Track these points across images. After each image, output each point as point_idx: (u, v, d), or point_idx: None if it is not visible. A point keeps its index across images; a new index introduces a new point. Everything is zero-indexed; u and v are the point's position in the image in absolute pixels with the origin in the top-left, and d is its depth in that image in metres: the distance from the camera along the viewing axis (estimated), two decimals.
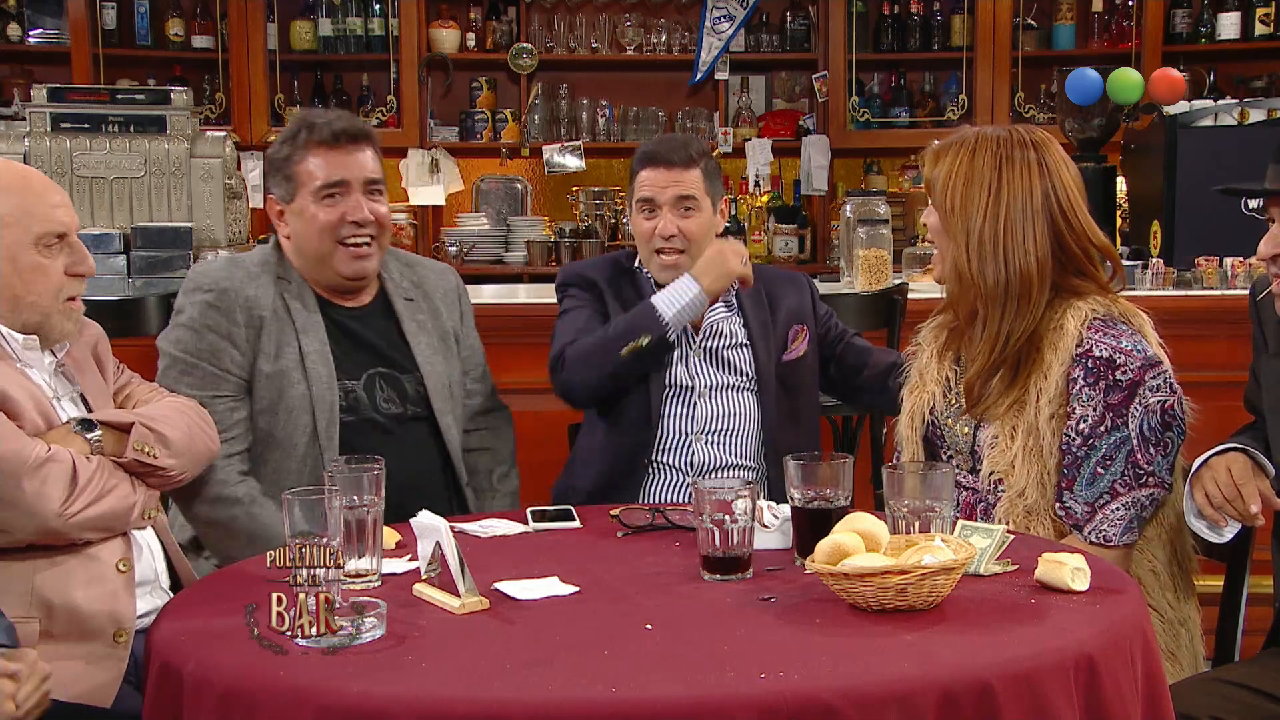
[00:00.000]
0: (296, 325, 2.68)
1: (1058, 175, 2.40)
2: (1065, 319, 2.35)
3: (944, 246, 2.44)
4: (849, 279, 4.23)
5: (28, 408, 2.14)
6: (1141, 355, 2.32)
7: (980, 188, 2.38)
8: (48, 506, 2.07)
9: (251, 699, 1.62)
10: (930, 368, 2.53)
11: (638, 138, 6.50)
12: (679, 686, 1.59)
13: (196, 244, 4.21)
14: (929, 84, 6.52)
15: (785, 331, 2.98)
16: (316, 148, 2.68)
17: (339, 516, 1.96)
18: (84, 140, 4.28)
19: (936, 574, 1.82)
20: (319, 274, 2.74)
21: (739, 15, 6.33)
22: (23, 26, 6.04)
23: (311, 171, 2.68)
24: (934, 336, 2.56)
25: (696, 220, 2.93)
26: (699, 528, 2.04)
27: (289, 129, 2.73)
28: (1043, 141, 2.43)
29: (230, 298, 2.65)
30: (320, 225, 2.68)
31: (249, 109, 6.16)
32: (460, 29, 6.37)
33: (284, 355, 2.66)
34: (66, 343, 2.28)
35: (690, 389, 2.93)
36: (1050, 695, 1.63)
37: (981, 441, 2.41)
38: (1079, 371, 2.33)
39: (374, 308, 2.81)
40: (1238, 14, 6.05)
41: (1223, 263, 4.05)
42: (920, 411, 2.52)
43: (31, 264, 2.18)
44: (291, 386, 2.65)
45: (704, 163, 2.96)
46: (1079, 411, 2.32)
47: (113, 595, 2.16)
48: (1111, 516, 2.32)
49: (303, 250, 2.72)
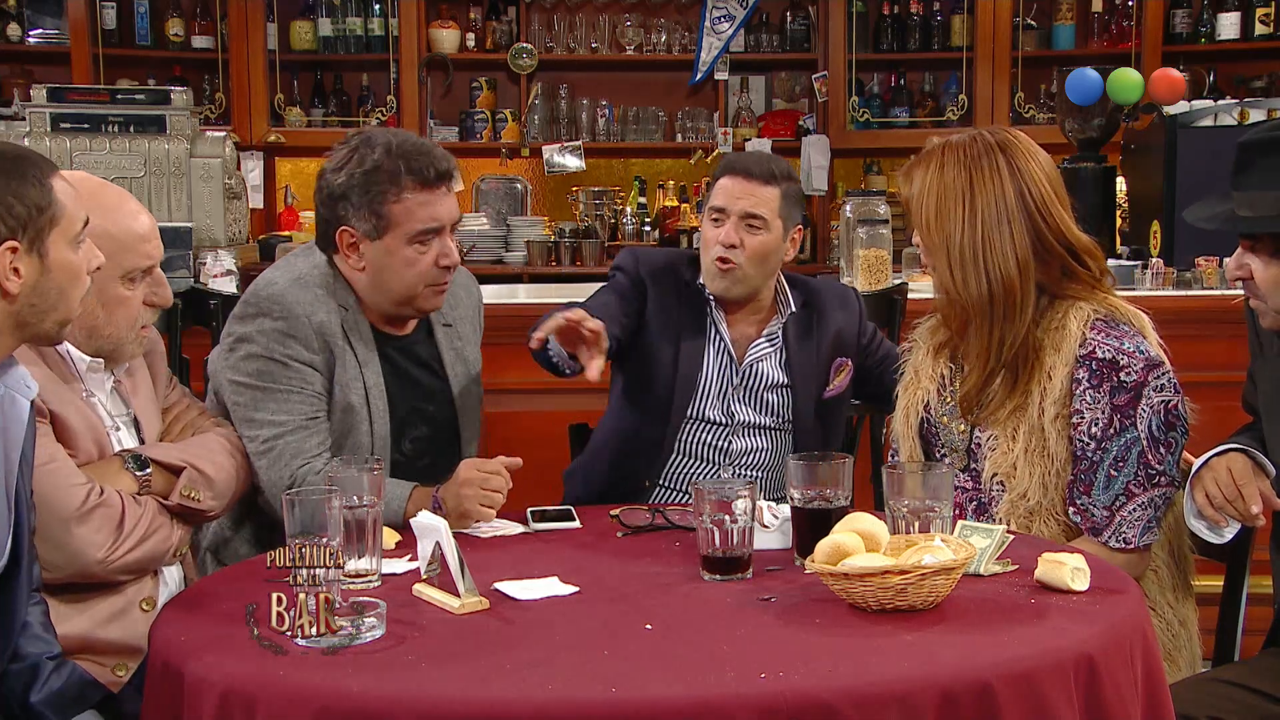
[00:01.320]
0: (359, 359, 2.58)
1: (1028, 173, 2.38)
2: (1067, 319, 2.35)
3: (929, 263, 2.45)
4: (849, 279, 4.24)
5: (84, 437, 2.15)
6: (1144, 356, 2.32)
7: (954, 201, 2.37)
8: (92, 554, 2.09)
9: (251, 699, 1.62)
10: (925, 364, 2.53)
11: (637, 138, 6.50)
12: (679, 686, 1.59)
13: (196, 244, 4.21)
14: (929, 84, 6.52)
15: (828, 365, 2.89)
16: (416, 189, 2.50)
17: (339, 516, 1.96)
18: (84, 140, 4.28)
19: (936, 574, 1.82)
20: (391, 308, 2.61)
21: (739, 15, 6.34)
22: (23, 26, 6.04)
23: (410, 213, 2.51)
24: (929, 334, 2.56)
25: (760, 239, 2.81)
26: (699, 528, 2.04)
27: (377, 159, 2.50)
28: (1008, 141, 2.40)
29: (304, 325, 2.51)
30: (414, 272, 2.53)
31: (249, 109, 6.15)
32: (460, 29, 6.37)
33: (352, 390, 2.56)
34: (127, 364, 2.29)
35: (724, 425, 2.88)
36: (1050, 695, 1.64)
37: (981, 441, 2.41)
38: (1083, 373, 2.33)
39: (418, 335, 2.71)
40: (1238, 14, 6.05)
41: (1222, 263, 4.05)
42: (915, 408, 2.52)
43: (116, 297, 2.18)
44: (360, 423, 2.57)
45: (785, 185, 2.85)
46: (1087, 415, 2.32)
47: (132, 631, 2.16)
48: (1130, 518, 2.32)
49: (384, 287, 2.56)
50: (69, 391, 2.16)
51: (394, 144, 2.52)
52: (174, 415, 2.40)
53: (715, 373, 2.88)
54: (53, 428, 2.10)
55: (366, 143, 2.54)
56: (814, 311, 2.94)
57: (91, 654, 2.13)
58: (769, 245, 2.84)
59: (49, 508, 2.04)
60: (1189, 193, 4.33)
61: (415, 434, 2.68)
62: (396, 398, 2.63)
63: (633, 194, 6.50)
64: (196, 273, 4.11)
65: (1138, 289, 4.02)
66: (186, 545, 2.30)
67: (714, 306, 2.89)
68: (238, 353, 2.52)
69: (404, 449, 2.66)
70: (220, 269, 4.08)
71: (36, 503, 2.02)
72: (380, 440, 2.59)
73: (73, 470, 2.09)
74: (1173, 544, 2.43)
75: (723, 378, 2.88)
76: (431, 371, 2.72)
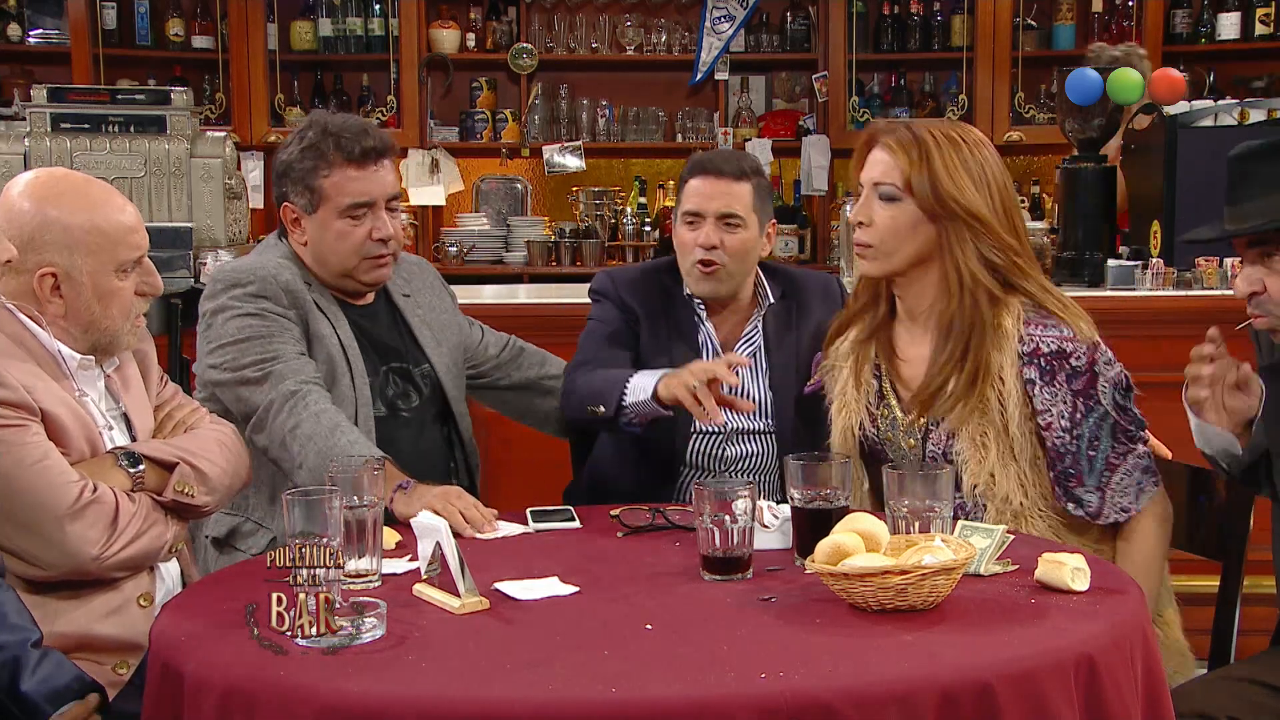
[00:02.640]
0: (329, 317, 2.70)
1: (1001, 165, 2.45)
2: (1002, 319, 2.38)
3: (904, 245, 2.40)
4: (849, 279, 4.23)
5: (76, 435, 2.15)
6: (1084, 339, 2.36)
7: (971, 177, 2.39)
8: (86, 550, 2.09)
9: (251, 699, 1.62)
10: (849, 387, 2.53)
11: (638, 138, 6.50)
12: (679, 686, 1.60)
13: (196, 244, 4.20)
14: (929, 84, 6.52)
15: (808, 360, 2.86)
16: (344, 165, 2.66)
17: (339, 516, 1.96)
18: (84, 140, 4.28)
19: (936, 574, 1.82)
20: (337, 280, 2.75)
21: (739, 15, 6.34)
22: (23, 26, 6.03)
23: (339, 188, 2.67)
24: (845, 355, 2.56)
25: (740, 237, 2.81)
26: (699, 528, 2.04)
27: (311, 138, 2.68)
28: (976, 133, 2.47)
29: (273, 285, 2.63)
30: (347, 244, 2.69)
31: (249, 109, 6.15)
32: (460, 29, 6.37)
33: (328, 344, 2.67)
34: (117, 359, 2.29)
35: (717, 434, 2.86)
36: (1050, 695, 1.64)
37: (949, 452, 2.40)
38: (1032, 371, 2.36)
39: (379, 305, 2.84)
40: (1238, 14, 6.05)
41: (1222, 263, 4.04)
42: (850, 430, 2.52)
43: (110, 289, 2.19)
44: (341, 375, 2.66)
45: (755, 180, 2.86)
46: (1054, 410, 2.35)
47: (129, 628, 2.17)
48: (1119, 487, 2.37)
49: (323, 260, 2.73)
50: (60, 390, 2.16)
51: (330, 124, 2.70)
52: (166, 412, 2.41)
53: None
54: (44, 426, 2.10)
55: (309, 124, 2.71)
56: (793, 303, 2.93)
57: (90, 652, 2.12)
58: (748, 242, 2.84)
59: (42, 505, 2.04)
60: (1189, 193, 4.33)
61: (398, 391, 2.77)
62: (371, 351, 2.74)
63: (633, 194, 6.50)
64: (197, 273, 4.11)
65: (1138, 289, 4.01)
66: (182, 541, 2.30)
67: (699, 308, 2.89)
68: (216, 323, 2.63)
69: (395, 405, 2.75)
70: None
71: (29, 501, 2.03)
72: (363, 395, 2.68)
73: (65, 468, 2.09)
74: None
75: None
76: (399, 334, 2.83)
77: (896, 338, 2.51)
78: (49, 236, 2.14)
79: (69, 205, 2.16)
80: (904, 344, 2.50)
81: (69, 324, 2.19)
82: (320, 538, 1.84)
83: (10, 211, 2.15)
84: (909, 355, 2.49)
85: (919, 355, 2.47)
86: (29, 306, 2.17)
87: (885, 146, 2.42)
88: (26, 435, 2.06)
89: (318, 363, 2.64)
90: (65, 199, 2.16)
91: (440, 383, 2.83)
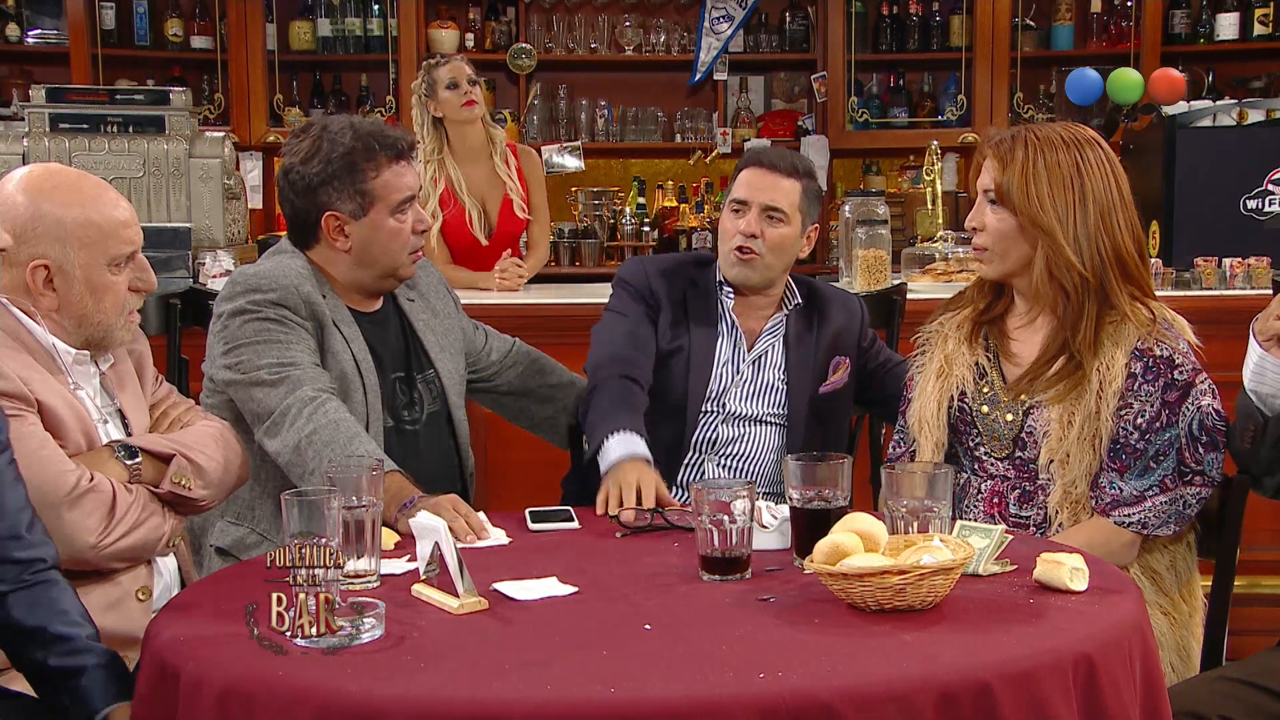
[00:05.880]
0: (344, 333, 2.67)
1: (1121, 173, 2.46)
2: (1126, 316, 2.40)
3: (1013, 247, 2.45)
4: (848, 279, 4.24)
5: (72, 428, 2.15)
6: (1194, 358, 2.40)
7: (1064, 184, 2.41)
8: (84, 538, 2.09)
9: (251, 699, 1.62)
10: (959, 354, 2.54)
11: (637, 138, 6.51)
12: (678, 686, 1.60)
13: (195, 244, 4.21)
14: (928, 84, 6.53)
15: (826, 362, 2.92)
16: (389, 162, 2.66)
17: (338, 517, 1.96)
18: (83, 140, 4.28)
19: (935, 574, 1.82)
20: (374, 282, 2.73)
21: (738, 16, 6.34)
22: (22, 27, 6.04)
23: (389, 185, 2.65)
24: (956, 326, 2.58)
25: (780, 231, 2.85)
26: (698, 528, 2.04)
27: (347, 143, 2.64)
28: (1098, 139, 2.48)
29: (293, 295, 2.60)
30: (399, 240, 2.67)
31: (248, 109, 6.15)
32: (459, 29, 6.37)
33: (341, 359, 2.65)
34: (111, 356, 2.29)
35: (720, 414, 2.89)
36: (1049, 695, 1.64)
37: (1034, 429, 2.43)
38: (1138, 367, 2.38)
39: (388, 310, 2.82)
40: (1236, 14, 6.06)
41: (1221, 263, 4.05)
42: (949, 395, 2.53)
43: (103, 284, 2.20)
44: (355, 391, 2.65)
45: (806, 182, 2.90)
46: (1136, 406, 2.38)
47: (128, 621, 2.17)
48: (1156, 508, 2.38)
49: (371, 262, 2.69)
50: (56, 383, 2.17)
51: (356, 126, 2.68)
52: (161, 411, 2.41)
53: (729, 360, 2.90)
54: (41, 417, 2.11)
55: (326, 131, 2.67)
56: (816, 310, 2.97)
57: None
58: (788, 238, 2.88)
59: (40, 493, 2.03)
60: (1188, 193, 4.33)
61: (404, 400, 2.76)
62: (384, 363, 2.73)
63: (632, 194, 6.50)
64: (195, 273, 4.12)
65: None
66: (180, 535, 2.30)
67: (727, 295, 2.92)
68: (234, 325, 2.60)
69: (400, 415, 2.74)
70: (219, 269, 4.08)
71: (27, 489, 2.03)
72: (374, 410, 2.67)
73: (62, 456, 2.10)
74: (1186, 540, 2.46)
75: (735, 366, 2.90)
76: (405, 340, 2.82)
77: (1011, 316, 2.54)
78: (42, 229, 2.15)
79: (62, 199, 2.16)
80: (1016, 324, 2.53)
81: (62, 317, 2.19)
82: (319, 538, 1.85)
83: (4, 204, 2.15)
84: (1021, 336, 2.52)
85: (1031, 338, 2.50)
86: (24, 301, 2.18)
87: (988, 153, 2.49)
88: (24, 425, 2.06)
89: (331, 376, 2.62)
90: (59, 193, 2.17)
91: (444, 390, 2.82)
